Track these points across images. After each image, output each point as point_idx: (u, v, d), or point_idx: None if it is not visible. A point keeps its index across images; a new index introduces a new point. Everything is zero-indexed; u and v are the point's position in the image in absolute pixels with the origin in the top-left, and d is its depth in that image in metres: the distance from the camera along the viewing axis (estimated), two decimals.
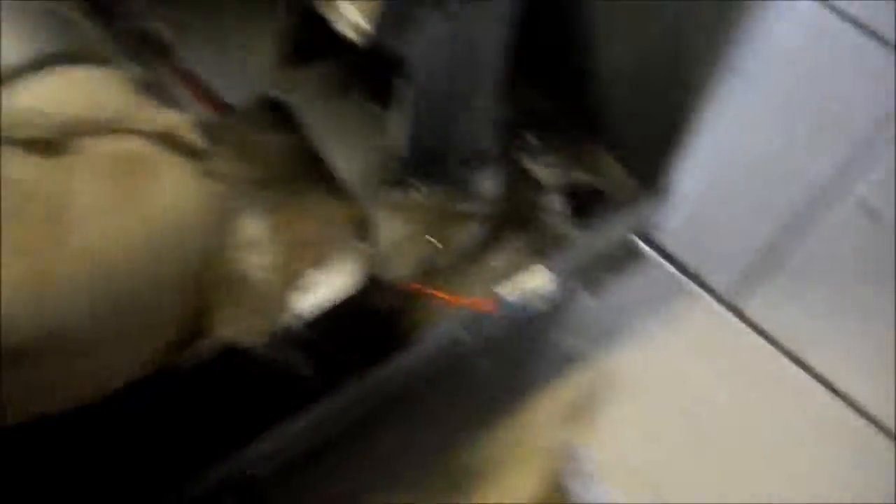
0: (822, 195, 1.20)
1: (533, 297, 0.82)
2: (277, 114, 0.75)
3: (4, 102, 0.63)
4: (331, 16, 0.67)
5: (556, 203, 0.93)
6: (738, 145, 1.19)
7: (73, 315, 0.57)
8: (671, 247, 1.13)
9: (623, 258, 0.97)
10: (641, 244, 1.00)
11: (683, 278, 1.12)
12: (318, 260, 0.67)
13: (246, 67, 0.91)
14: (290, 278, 0.66)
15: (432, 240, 0.85)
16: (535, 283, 0.81)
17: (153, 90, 0.70)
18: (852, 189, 1.21)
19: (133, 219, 0.61)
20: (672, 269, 1.13)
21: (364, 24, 0.64)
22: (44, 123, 0.59)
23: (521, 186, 0.94)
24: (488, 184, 0.90)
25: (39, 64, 0.65)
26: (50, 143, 0.60)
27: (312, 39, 0.90)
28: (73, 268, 0.56)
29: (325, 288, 0.67)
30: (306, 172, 0.72)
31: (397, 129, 0.78)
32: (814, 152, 1.23)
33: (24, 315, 0.54)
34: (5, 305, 0.53)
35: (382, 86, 0.84)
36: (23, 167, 0.58)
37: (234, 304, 0.65)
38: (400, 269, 0.83)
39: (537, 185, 0.95)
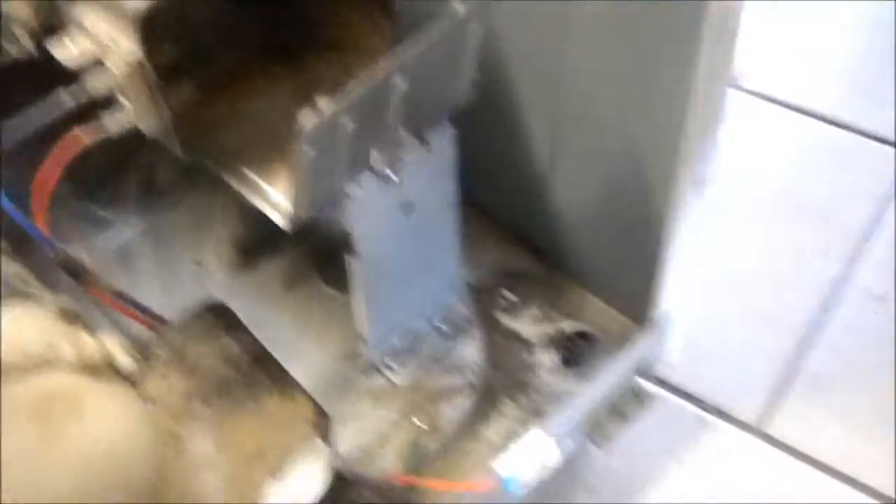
0: (832, 294, 1.13)
1: (534, 465, 0.75)
2: (220, 321, 0.69)
3: None
4: (258, 203, 0.64)
5: (546, 358, 0.90)
6: (731, 261, 1.13)
7: None
8: (682, 382, 1.05)
9: (629, 402, 0.90)
10: (647, 384, 0.92)
11: (702, 413, 1.03)
12: (276, 468, 0.60)
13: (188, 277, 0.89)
14: (247, 491, 0.59)
15: (418, 422, 0.81)
16: (534, 449, 0.74)
17: (79, 319, 0.65)
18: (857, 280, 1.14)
19: (56, 460, 0.55)
20: (688, 404, 1.04)
21: (287, 206, 0.61)
22: None
23: (507, 348, 0.90)
24: (469, 351, 0.86)
25: None
26: None
27: (260, 239, 0.89)
28: None
29: (287, 497, 0.60)
30: (255, 378, 0.66)
31: (358, 309, 0.74)
32: (817, 253, 1.17)
33: None
34: None
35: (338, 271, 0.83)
36: None
37: None
38: (389, 460, 0.79)
39: (524, 343, 0.91)
